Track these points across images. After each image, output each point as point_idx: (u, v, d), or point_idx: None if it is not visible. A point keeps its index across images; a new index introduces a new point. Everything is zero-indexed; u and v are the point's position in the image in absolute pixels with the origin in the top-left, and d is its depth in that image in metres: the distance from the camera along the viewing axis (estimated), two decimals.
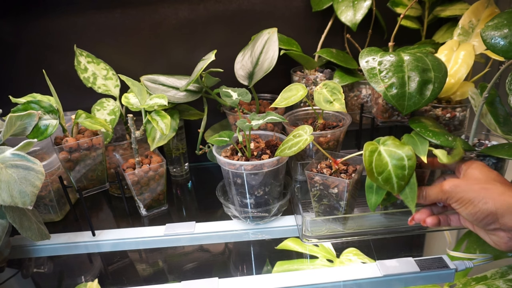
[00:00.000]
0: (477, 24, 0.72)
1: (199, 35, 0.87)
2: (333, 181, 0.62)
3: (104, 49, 0.86)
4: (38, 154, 0.78)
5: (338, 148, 0.77)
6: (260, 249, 0.67)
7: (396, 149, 0.57)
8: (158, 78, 0.80)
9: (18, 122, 0.60)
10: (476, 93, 0.66)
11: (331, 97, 0.69)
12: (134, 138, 0.72)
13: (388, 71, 0.61)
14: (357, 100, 0.91)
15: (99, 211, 0.82)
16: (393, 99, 0.60)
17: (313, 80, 0.84)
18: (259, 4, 0.86)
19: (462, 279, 0.58)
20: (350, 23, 0.80)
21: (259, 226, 0.71)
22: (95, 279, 0.60)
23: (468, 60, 0.68)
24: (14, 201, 0.52)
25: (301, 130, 0.63)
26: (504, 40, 0.50)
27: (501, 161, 0.63)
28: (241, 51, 0.81)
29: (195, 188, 0.91)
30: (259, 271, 0.61)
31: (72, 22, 0.84)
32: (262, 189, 0.67)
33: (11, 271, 0.66)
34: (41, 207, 0.75)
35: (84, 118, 0.67)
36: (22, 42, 0.85)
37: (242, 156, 0.67)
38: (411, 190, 0.58)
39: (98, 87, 0.79)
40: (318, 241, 0.66)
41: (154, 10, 0.84)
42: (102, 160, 0.72)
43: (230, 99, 0.68)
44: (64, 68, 0.83)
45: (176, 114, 0.80)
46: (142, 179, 0.74)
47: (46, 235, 0.63)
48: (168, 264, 0.65)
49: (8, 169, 0.53)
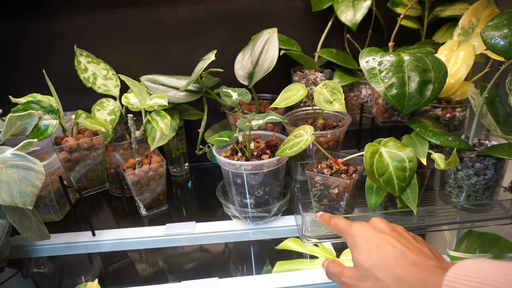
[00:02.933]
0: (477, 24, 0.72)
1: (199, 35, 0.87)
2: (333, 181, 0.62)
3: (104, 49, 0.86)
4: (38, 154, 0.78)
5: (338, 148, 0.77)
6: (260, 249, 0.67)
7: (397, 151, 0.58)
8: (158, 78, 0.80)
9: (18, 122, 0.60)
10: (476, 93, 0.66)
11: (331, 97, 0.69)
12: (134, 138, 0.72)
13: (388, 71, 0.61)
14: (357, 100, 0.91)
15: (99, 211, 0.82)
16: (393, 99, 0.60)
17: (313, 80, 0.84)
18: (259, 4, 0.86)
19: None
20: (350, 23, 0.80)
21: (259, 226, 0.71)
22: (95, 279, 0.60)
23: (468, 60, 0.68)
24: (14, 201, 0.52)
25: (302, 130, 0.63)
26: (504, 40, 0.50)
27: (501, 161, 0.63)
28: (241, 51, 0.81)
29: (195, 188, 0.91)
30: (259, 271, 0.61)
31: (72, 22, 0.84)
32: (262, 189, 0.67)
33: (11, 271, 0.66)
34: (41, 207, 0.75)
35: (84, 118, 0.67)
36: (22, 42, 0.85)
37: (242, 156, 0.67)
38: (412, 191, 0.59)
39: (98, 87, 0.79)
40: (318, 241, 0.66)
41: (154, 10, 0.84)
42: (102, 160, 0.72)
43: (230, 99, 0.68)
44: (64, 68, 0.83)
45: (176, 114, 0.80)
46: (142, 179, 0.74)
47: (46, 235, 0.63)
48: (168, 264, 0.65)
49: (8, 169, 0.53)
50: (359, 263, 0.43)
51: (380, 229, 0.45)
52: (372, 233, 0.45)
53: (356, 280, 0.43)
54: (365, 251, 0.43)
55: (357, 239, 0.45)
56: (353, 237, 0.46)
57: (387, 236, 0.44)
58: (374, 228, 0.46)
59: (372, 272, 0.41)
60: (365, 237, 0.45)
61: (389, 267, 0.40)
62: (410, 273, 0.38)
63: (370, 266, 0.42)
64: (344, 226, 0.49)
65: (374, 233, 0.45)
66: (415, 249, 0.42)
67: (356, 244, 0.45)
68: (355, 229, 0.46)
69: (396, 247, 0.42)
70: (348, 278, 0.45)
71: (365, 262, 0.42)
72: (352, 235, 0.46)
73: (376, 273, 0.41)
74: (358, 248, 0.44)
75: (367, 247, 0.43)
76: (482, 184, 0.65)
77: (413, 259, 0.40)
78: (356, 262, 0.44)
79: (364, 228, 0.46)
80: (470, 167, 0.64)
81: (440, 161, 0.57)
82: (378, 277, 0.40)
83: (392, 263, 0.40)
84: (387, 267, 0.40)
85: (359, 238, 0.45)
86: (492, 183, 0.65)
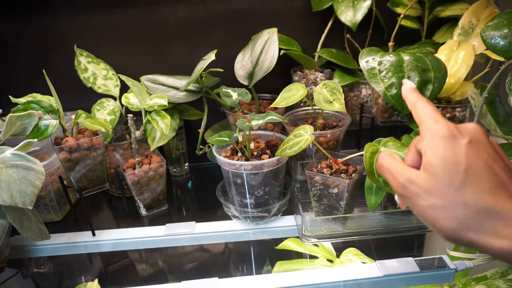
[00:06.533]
0: (477, 24, 0.72)
1: (199, 35, 0.87)
2: (333, 181, 0.62)
3: (104, 49, 0.86)
4: (38, 154, 0.78)
5: (338, 148, 0.77)
6: (260, 249, 0.67)
7: (397, 151, 0.57)
8: (158, 78, 0.80)
9: (18, 122, 0.60)
10: (476, 93, 0.66)
11: (331, 97, 0.69)
12: (134, 138, 0.72)
13: (388, 71, 0.61)
14: (357, 100, 0.91)
15: (99, 211, 0.82)
16: (393, 99, 0.60)
17: (313, 80, 0.84)
18: (259, 4, 0.86)
19: (462, 279, 0.58)
20: (350, 23, 0.80)
21: (259, 226, 0.71)
22: (95, 279, 0.60)
23: (468, 60, 0.68)
24: (14, 201, 0.52)
25: (302, 129, 0.63)
26: (504, 40, 0.50)
27: None
28: (241, 51, 0.81)
29: (195, 188, 0.91)
30: (259, 271, 0.61)
31: (72, 22, 0.84)
32: (262, 189, 0.67)
33: (11, 271, 0.66)
34: (41, 207, 0.75)
35: (84, 118, 0.67)
36: (22, 42, 0.85)
37: (242, 156, 0.67)
38: None
39: (98, 87, 0.79)
40: (318, 241, 0.66)
41: (154, 10, 0.84)
42: (102, 160, 0.72)
43: (230, 99, 0.68)
44: (64, 68, 0.83)
45: (176, 114, 0.80)
46: (142, 179, 0.74)
47: (46, 235, 0.63)
48: (168, 264, 0.65)
49: (8, 169, 0.53)
50: (437, 173, 0.34)
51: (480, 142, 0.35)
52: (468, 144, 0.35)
53: (423, 190, 0.35)
54: (452, 163, 0.34)
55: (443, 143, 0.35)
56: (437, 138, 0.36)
57: (486, 154, 0.35)
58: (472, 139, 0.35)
59: (453, 190, 0.33)
60: (456, 146, 0.35)
61: (481, 193, 0.32)
62: (507, 208, 0.32)
63: (453, 183, 0.33)
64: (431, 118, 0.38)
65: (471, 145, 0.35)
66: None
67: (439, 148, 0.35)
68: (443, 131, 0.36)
69: (495, 172, 0.34)
70: (412, 183, 0.36)
71: (449, 175, 0.33)
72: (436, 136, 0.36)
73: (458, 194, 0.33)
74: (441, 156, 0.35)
75: (456, 159, 0.34)
76: None
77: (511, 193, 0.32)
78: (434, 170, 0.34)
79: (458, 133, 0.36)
80: None
81: None
82: (459, 200, 0.33)
83: (487, 190, 0.33)
84: (478, 191, 0.33)
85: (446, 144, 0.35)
86: None
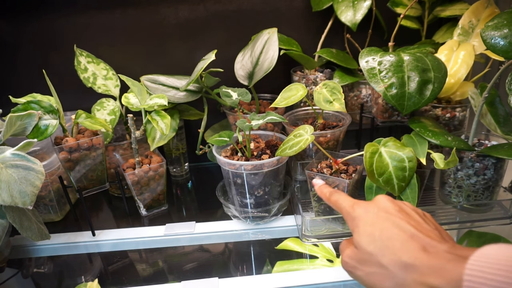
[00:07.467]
0: (477, 24, 0.72)
1: (199, 35, 0.87)
2: (333, 181, 0.62)
3: (104, 49, 0.86)
4: (38, 154, 0.78)
5: (338, 148, 0.77)
6: (260, 249, 0.67)
7: (397, 151, 0.58)
8: (158, 78, 0.80)
9: (18, 122, 0.60)
10: (476, 93, 0.66)
11: (331, 97, 0.69)
12: (134, 138, 0.72)
13: (388, 71, 0.61)
14: (357, 100, 0.91)
15: (99, 211, 0.82)
16: (393, 99, 0.60)
17: (313, 80, 0.84)
18: (259, 4, 0.86)
19: None
20: (350, 23, 0.80)
21: (259, 226, 0.71)
22: (95, 279, 0.60)
23: (468, 60, 0.69)
24: (14, 201, 0.52)
25: (302, 129, 0.63)
26: (504, 40, 0.50)
27: (501, 161, 0.63)
28: (241, 51, 0.81)
29: (195, 188, 0.91)
30: (259, 271, 0.61)
31: (72, 22, 0.84)
32: (262, 189, 0.67)
33: (11, 271, 0.66)
34: (41, 207, 0.75)
35: (84, 118, 0.67)
36: (22, 42, 0.85)
37: (242, 156, 0.67)
38: (412, 191, 0.59)
39: (98, 87, 0.79)
40: (318, 241, 0.66)
41: (154, 10, 0.84)
42: (102, 160, 0.72)
43: (230, 99, 0.68)
44: (64, 68, 0.83)
45: (176, 114, 0.80)
46: (142, 179, 0.74)
47: (46, 235, 0.63)
48: (168, 264, 0.65)
49: (8, 169, 0.53)
50: (361, 246, 0.39)
51: (385, 209, 0.40)
52: (377, 214, 0.40)
53: (357, 262, 0.40)
54: (368, 235, 0.39)
55: (359, 221, 0.41)
56: (355, 219, 0.41)
57: (393, 217, 0.39)
58: (379, 208, 0.41)
59: (375, 257, 0.37)
60: (369, 219, 0.40)
61: (395, 253, 0.36)
62: (419, 260, 0.34)
63: (373, 251, 0.37)
64: (346, 206, 0.44)
65: (379, 214, 0.40)
66: (424, 231, 0.37)
67: (358, 226, 0.40)
68: (357, 211, 0.42)
69: (403, 229, 0.37)
70: (349, 258, 0.41)
71: (367, 246, 0.38)
72: (354, 218, 0.42)
73: (379, 259, 0.37)
74: (360, 231, 0.40)
75: (370, 230, 0.39)
76: (482, 184, 0.65)
77: (422, 243, 0.35)
78: (358, 244, 0.39)
79: (368, 208, 0.41)
80: (470, 167, 0.64)
81: (439, 160, 0.57)
82: (382, 263, 0.36)
83: (398, 248, 0.36)
84: (392, 252, 0.36)
85: (361, 221, 0.40)
86: (492, 183, 0.65)
